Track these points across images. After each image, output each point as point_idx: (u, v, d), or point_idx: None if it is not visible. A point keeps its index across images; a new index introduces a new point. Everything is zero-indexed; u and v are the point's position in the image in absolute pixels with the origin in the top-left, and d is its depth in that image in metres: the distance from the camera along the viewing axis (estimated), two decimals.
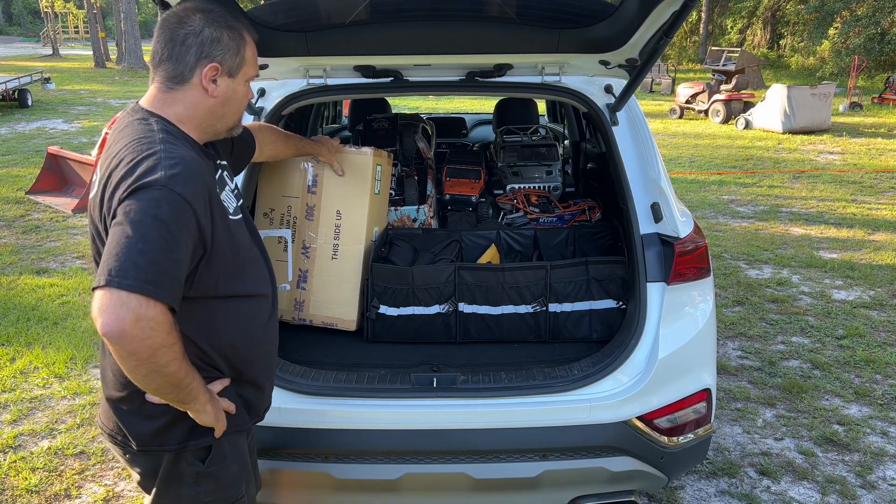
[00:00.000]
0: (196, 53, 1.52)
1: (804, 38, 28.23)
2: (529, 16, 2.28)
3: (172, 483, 1.62)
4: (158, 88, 1.55)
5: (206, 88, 1.54)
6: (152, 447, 1.60)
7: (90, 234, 1.55)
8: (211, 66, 1.52)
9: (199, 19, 1.52)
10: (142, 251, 1.31)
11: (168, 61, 1.53)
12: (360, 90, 2.70)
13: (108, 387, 1.62)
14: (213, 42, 1.52)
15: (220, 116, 1.60)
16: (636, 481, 2.33)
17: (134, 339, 1.29)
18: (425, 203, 3.39)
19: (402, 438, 2.20)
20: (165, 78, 1.54)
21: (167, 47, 1.52)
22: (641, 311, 2.32)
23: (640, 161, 2.51)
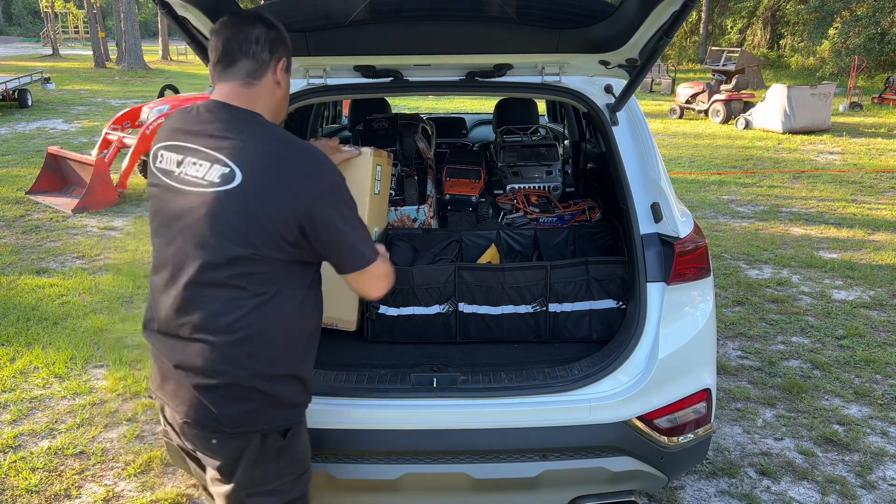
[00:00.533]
0: (270, 51, 1.69)
1: (804, 38, 28.26)
2: (529, 16, 2.28)
3: (260, 461, 1.71)
4: (239, 84, 1.68)
5: (278, 82, 1.73)
6: (245, 428, 1.68)
7: (220, 223, 1.59)
8: (281, 61, 1.72)
9: (262, 25, 1.70)
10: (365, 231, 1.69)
11: (245, 58, 1.67)
12: (360, 90, 2.70)
13: (202, 376, 1.65)
14: (278, 41, 1.71)
15: (281, 109, 1.79)
16: (636, 481, 2.33)
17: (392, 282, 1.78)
18: (425, 203, 3.39)
19: (402, 438, 2.20)
20: (245, 74, 1.68)
21: (242, 46, 1.67)
22: (641, 311, 2.32)
23: (640, 161, 2.50)
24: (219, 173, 1.58)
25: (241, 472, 1.71)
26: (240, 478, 1.71)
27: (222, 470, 1.73)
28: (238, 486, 1.72)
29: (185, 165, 1.65)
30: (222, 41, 1.68)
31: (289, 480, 1.78)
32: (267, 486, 1.74)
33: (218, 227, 1.58)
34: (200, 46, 2.19)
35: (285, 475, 1.77)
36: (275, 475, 1.75)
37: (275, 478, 1.75)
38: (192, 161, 1.63)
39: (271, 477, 1.74)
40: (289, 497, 1.78)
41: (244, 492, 1.72)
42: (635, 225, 2.41)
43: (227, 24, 1.69)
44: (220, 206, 1.57)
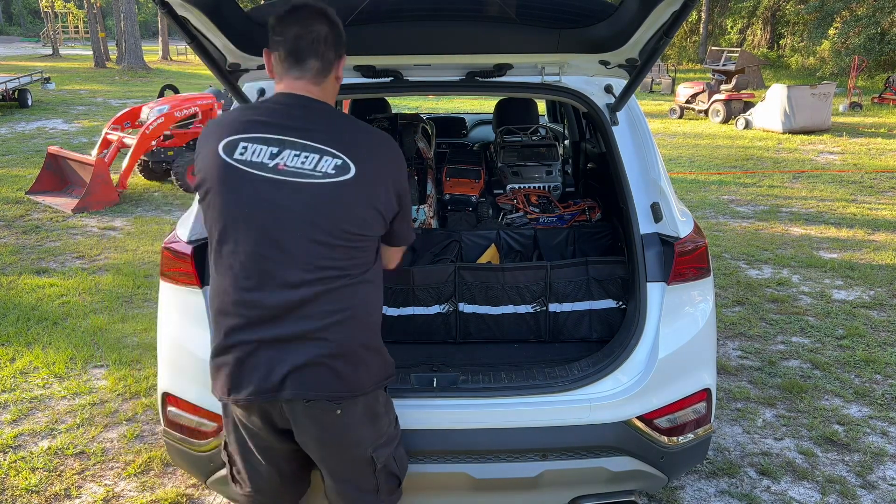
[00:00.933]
0: (335, 51, 1.78)
1: (804, 38, 28.27)
2: (529, 16, 2.28)
3: (382, 414, 1.91)
4: (309, 82, 1.77)
5: (338, 77, 1.84)
6: (370, 389, 1.84)
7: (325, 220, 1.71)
8: (343, 59, 1.83)
9: (326, 22, 1.75)
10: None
11: (314, 58, 1.75)
12: (360, 90, 2.70)
13: (329, 348, 1.74)
14: (338, 38, 1.79)
15: (335, 97, 1.91)
16: (636, 481, 2.33)
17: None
18: (425, 203, 3.39)
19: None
20: (315, 73, 1.76)
21: (312, 46, 1.74)
22: (641, 310, 2.32)
23: (640, 161, 2.50)
24: (332, 165, 1.69)
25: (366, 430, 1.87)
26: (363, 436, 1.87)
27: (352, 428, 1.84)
28: (365, 444, 1.87)
29: (283, 157, 1.69)
30: (291, 38, 1.73)
31: (395, 424, 1.99)
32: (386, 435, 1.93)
33: (338, 213, 1.71)
34: (200, 46, 2.19)
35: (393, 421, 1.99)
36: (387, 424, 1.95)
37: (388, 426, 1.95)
38: (295, 153, 1.70)
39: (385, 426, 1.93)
40: (398, 440, 2.00)
41: (371, 447, 1.88)
42: (635, 225, 2.41)
43: (295, 20, 1.73)
44: (340, 194, 1.70)
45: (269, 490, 1.98)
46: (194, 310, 2.27)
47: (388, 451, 1.94)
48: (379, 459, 1.90)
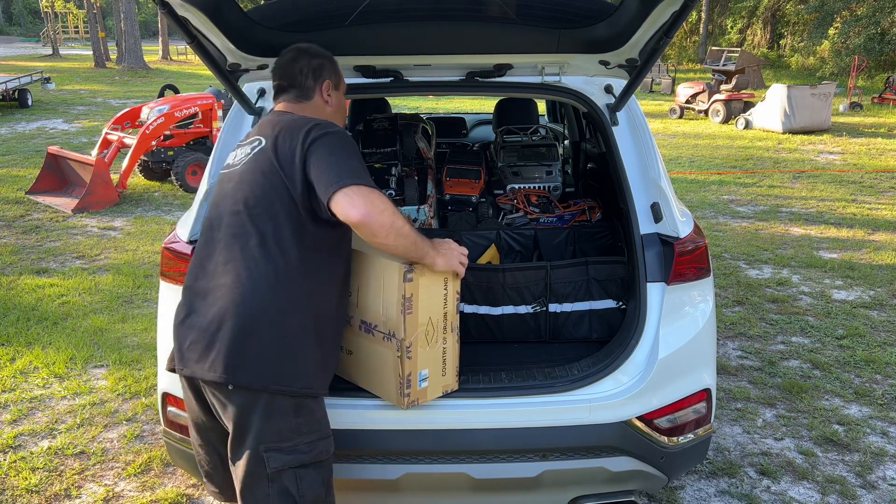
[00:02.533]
0: (313, 78, 2.06)
1: (804, 38, 28.27)
2: (529, 16, 2.28)
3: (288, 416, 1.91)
4: (290, 105, 2.06)
5: (326, 100, 2.08)
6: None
7: (253, 178, 1.90)
8: (325, 83, 2.07)
9: (305, 57, 2.06)
10: (355, 165, 1.80)
11: (295, 87, 2.06)
12: (360, 90, 2.70)
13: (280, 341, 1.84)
14: (320, 67, 2.07)
15: (334, 119, 2.09)
16: (636, 481, 2.33)
17: (383, 212, 1.75)
18: (425, 203, 3.39)
19: (402, 438, 2.20)
20: (296, 97, 2.06)
21: (294, 79, 2.05)
22: (641, 311, 2.32)
23: (640, 161, 2.50)
24: (250, 147, 1.97)
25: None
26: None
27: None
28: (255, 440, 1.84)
29: (236, 154, 2.04)
30: (279, 73, 2.08)
31: (307, 442, 1.89)
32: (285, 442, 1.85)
33: (254, 181, 1.89)
34: (200, 46, 2.19)
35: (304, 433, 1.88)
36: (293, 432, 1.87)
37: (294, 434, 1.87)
38: (241, 149, 2.02)
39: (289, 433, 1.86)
40: (307, 459, 1.88)
41: (262, 445, 1.83)
42: (635, 225, 2.41)
43: (283, 61, 2.08)
44: (244, 170, 1.93)
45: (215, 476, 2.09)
46: None
47: (287, 461, 1.84)
48: (269, 463, 1.83)
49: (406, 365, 2.05)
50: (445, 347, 2.14)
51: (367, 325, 2.13)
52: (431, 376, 2.14)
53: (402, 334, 2.01)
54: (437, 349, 2.12)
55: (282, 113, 2.03)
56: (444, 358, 2.16)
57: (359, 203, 1.73)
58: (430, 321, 2.07)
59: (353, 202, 1.73)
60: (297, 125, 1.90)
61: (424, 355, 2.09)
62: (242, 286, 1.82)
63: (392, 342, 2.04)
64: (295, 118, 1.95)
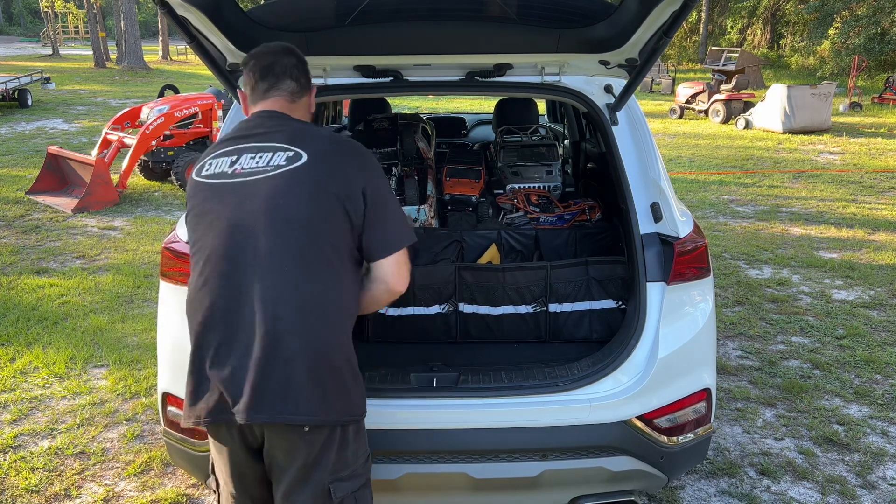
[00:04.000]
0: (307, 79, 1.97)
1: (804, 38, 28.26)
2: (529, 16, 2.28)
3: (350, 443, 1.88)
4: (283, 100, 1.90)
5: (311, 104, 2.01)
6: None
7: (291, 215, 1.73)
8: (315, 88, 2.01)
9: (296, 57, 1.94)
10: (405, 220, 1.84)
11: (290, 79, 1.91)
12: (360, 90, 2.70)
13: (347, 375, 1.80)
14: (308, 73, 1.98)
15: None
16: (636, 481, 2.33)
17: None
18: (425, 203, 3.39)
19: (402, 438, 2.20)
20: (290, 92, 1.91)
21: (287, 70, 1.90)
22: (641, 310, 2.32)
23: (640, 161, 2.51)
24: (284, 157, 1.76)
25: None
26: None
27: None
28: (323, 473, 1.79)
29: (240, 163, 1.79)
30: (268, 63, 1.88)
31: (362, 462, 1.89)
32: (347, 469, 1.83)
33: (293, 200, 1.73)
34: (200, 46, 2.19)
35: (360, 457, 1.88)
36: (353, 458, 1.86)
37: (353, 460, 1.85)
38: (250, 156, 1.79)
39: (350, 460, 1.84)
40: (364, 479, 1.89)
41: (330, 477, 1.79)
42: (635, 225, 2.41)
43: (263, 53, 1.90)
44: (290, 181, 1.73)
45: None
46: None
47: (350, 488, 1.82)
48: (336, 494, 1.80)
49: None
50: None
51: None
52: None
53: None
54: None
55: (285, 119, 1.87)
56: None
57: (405, 275, 1.83)
58: None
59: (401, 273, 1.82)
60: (343, 148, 1.83)
61: None
62: (305, 318, 1.70)
63: None
64: (321, 132, 1.89)
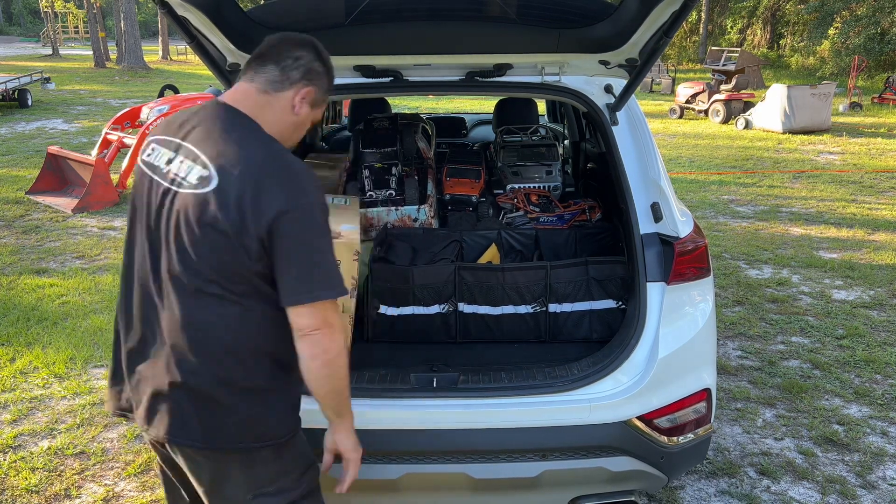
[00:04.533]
0: (302, 74, 1.67)
1: (804, 38, 28.25)
2: (529, 16, 2.28)
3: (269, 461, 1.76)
4: (256, 89, 1.65)
5: (294, 105, 1.68)
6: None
7: (183, 232, 1.54)
8: (308, 89, 1.68)
9: (313, 52, 1.70)
10: (330, 262, 1.57)
11: (275, 66, 1.65)
12: (360, 90, 2.70)
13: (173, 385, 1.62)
14: (318, 74, 1.70)
15: (290, 135, 1.73)
16: (636, 481, 2.33)
17: (339, 355, 1.62)
18: (425, 203, 3.39)
19: (402, 438, 2.20)
20: (267, 80, 1.65)
21: (280, 56, 1.65)
22: (641, 310, 2.32)
23: (640, 161, 2.51)
24: (198, 175, 1.55)
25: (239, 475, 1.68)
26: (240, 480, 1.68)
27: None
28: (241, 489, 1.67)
29: (173, 164, 1.61)
30: (266, 45, 1.69)
31: (295, 477, 1.75)
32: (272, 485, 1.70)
33: (187, 229, 1.54)
34: (200, 46, 2.20)
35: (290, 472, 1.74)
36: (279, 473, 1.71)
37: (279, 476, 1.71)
38: (180, 160, 1.61)
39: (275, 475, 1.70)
40: (299, 492, 1.75)
41: (250, 494, 1.68)
42: (635, 225, 2.41)
43: (285, 37, 1.70)
44: (192, 207, 1.53)
45: None
46: None
47: (278, 502, 1.70)
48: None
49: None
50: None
51: None
52: None
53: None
54: None
55: (235, 115, 1.62)
56: None
57: (326, 337, 1.56)
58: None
59: (314, 336, 1.55)
60: (266, 174, 1.52)
61: None
62: (196, 349, 1.57)
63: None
64: (255, 151, 1.56)
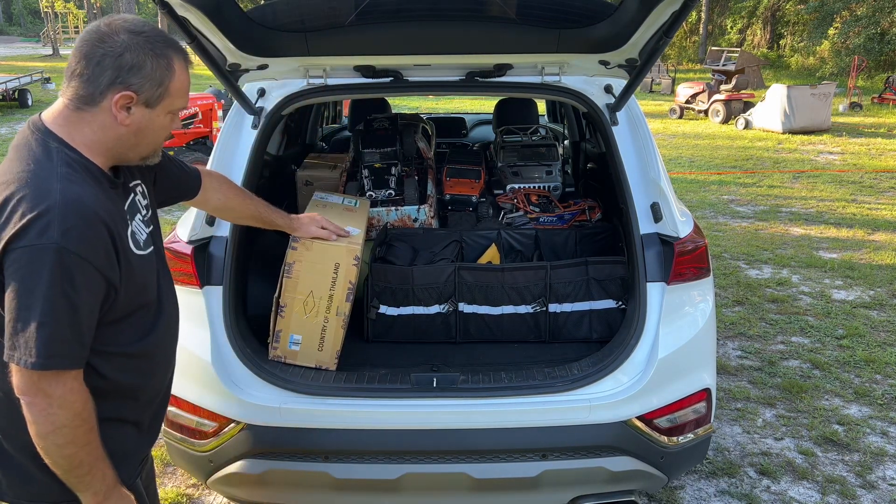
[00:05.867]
0: (111, 77, 1.38)
1: (804, 38, 28.25)
2: (529, 16, 2.28)
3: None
4: (66, 106, 1.41)
5: (115, 115, 1.40)
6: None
7: None
8: (124, 94, 1.39)
9: (122, 41, 1.38)
10: (43, 325, 1.27)
11: (79, 79, 1.38)
12: (360, 90, 2.70)
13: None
14: (133, 69, 1.39)
15: (131, 146, 1.47)
16: (636, 481, 2.33)
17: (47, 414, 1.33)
18: (425, 203, 3.39)
19: (402, 438, 2.20)
20: (74, 97, 1.40)
21: (81, 63, 1.38)
22: (641, 310, 2.32)
23: (640, 161, 2.51)
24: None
25: None
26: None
27: None
28: None
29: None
30: (73, 50, 1.42)
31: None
32: None
33: None
34: (200, 46, 2.19)
35: None
36: None
37: None
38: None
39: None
40: None
41: None
42: (635, 225, 2.41)
43: (86, 33, 1.41)
44: None
45: None
46: (194, 310, 2.27)
47: None
48: None
49: (277, 321, 2.37)
50: (326, 326, 2.37)
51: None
52: (304, 344, 2.37)
53: (277, 293, 2.36)
54: (315, 322, 2.36)
55: (36, 133, 1.39)
56: (323, 335, 2.38)
57: (29, 408, 1.33)
58: (311, 294, 2.34)
59: (21, 388, 1.32)
60: (28, 195, 1.29)
61: (299, 322, 2.35)
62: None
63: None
64: (25, 175, 1.32)
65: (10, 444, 1.45)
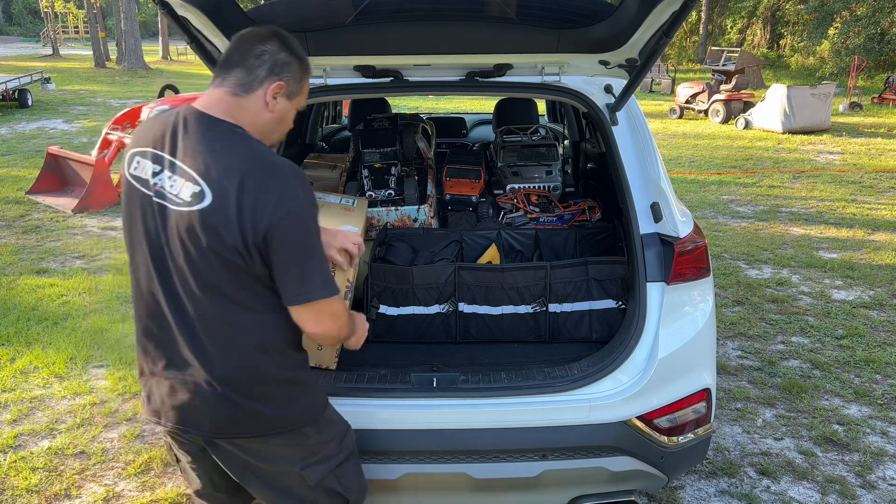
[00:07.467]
0: (268, 70, 1.65)
1: (804, 38, 28.27)
2: (529, 16, 2.28)
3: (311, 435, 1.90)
4: (225, 93, 1.65)
5: (267, 102, 1.67)
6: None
7: (191, 245, 1.59)
8: (277, 83, 1.66)
9: (277, 43, 1.67)
10: (323, 265, 1.65)
11: (240, 68, 1.65)
12: (360, 90, 2.70)
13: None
14: (285, 65, 1.67)
15: (271, 131, 1.74)
16: (636, 481, 2.33)
17: (341, 329, 1.79)
18: (425, 203, 3.39)
19: (401, 438, 2.20)
20: (235, 84, 1.65)
21: (244, 57, 1.65)
22: (641, 310, 2.32)
23: (640, 161, 2.51)
24: (190, 192, 1.58)
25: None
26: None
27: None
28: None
29: (160, 178, 1.62)
30: (230, 48, 1.68)
31: (336, 444, 1.91)
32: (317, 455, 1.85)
33: (189, 244, 1.59)
34: (200, 46, 2.20)
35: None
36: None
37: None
38: (168, 175, 1.61)
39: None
40: (343, 458, 1.92)
41: (298, 466, 1.82)
42: (635, 225, 2.41)
43: (245, 34, 1.68)
44: (191, 225, 1.58)
45: (206, 495, 2.01)
46: None
47: (325, 469, 1.87)
48: (310, 477, 1.85)
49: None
50: None
51: None
52: (304, 343, 2.35)
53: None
54: None
55: (214, 123, 1.63)
56: None
57: (326, 324, 1.71)
58: None
59: (320, 321, 1.69)
60: (253, 179, 1.56)
61: None
62: (219, 349, 1.68)
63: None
64: (241, 160, 1.59)
65: (271, 384, 1.75)
